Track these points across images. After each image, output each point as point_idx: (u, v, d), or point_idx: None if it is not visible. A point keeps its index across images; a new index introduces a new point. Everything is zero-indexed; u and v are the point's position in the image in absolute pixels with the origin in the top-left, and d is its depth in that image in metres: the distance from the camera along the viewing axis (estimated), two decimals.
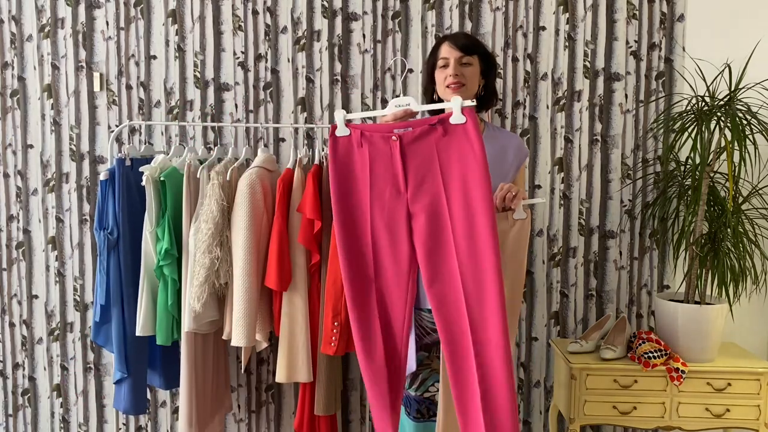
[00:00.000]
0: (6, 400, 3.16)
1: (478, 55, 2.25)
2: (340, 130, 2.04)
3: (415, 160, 1.99)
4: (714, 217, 2.69)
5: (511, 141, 2.34)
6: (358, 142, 2.03)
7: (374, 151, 2.02)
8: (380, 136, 2.01)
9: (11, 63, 3.02)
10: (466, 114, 1.95)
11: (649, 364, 2.58)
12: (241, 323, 2.51)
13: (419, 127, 1.99)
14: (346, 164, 2.04)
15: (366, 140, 2.02)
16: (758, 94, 2.68)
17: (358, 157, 2.04)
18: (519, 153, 2.32)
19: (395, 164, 2.00)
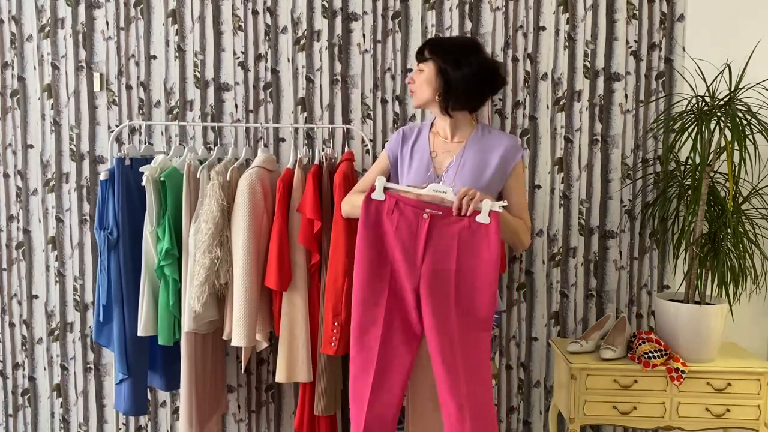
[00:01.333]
0: (6, 400, 3.16)
1: (433, 58, 2.23)
2: (376, 194, 2.15)
3: (437, 242, 2.13)
4: (714, 217, 2.69)
5: (499, 142, 2.29)
6: (389, 209, 2.16)
7: (403, 221, 2.15)
8: (412, 210, 2.14)
9: (11, 63, 3.02)
10: (492, 216, 2.09)
11: (649, 364, 2.58)
12: (241, 323, 2.51)
13: (449, 215, 2.13)
14: (375, 225, 2.16)
15: (398, 209, 2.15)
16: (758, 94, 2.68)
17: (386, 221, 2.16)
18: (507, 154, 2.27)
19: (419, 239, 2.13)
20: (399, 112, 2.96)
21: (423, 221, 2.13)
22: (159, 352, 2.77)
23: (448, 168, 2.28)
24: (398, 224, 2.14)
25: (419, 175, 2.28)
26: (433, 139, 2.34)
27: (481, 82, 2.26)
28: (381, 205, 2.16)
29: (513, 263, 3.01)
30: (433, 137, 2.34)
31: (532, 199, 2.98)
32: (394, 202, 2.15)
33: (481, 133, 2.31)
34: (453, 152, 2.30)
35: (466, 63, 2.22)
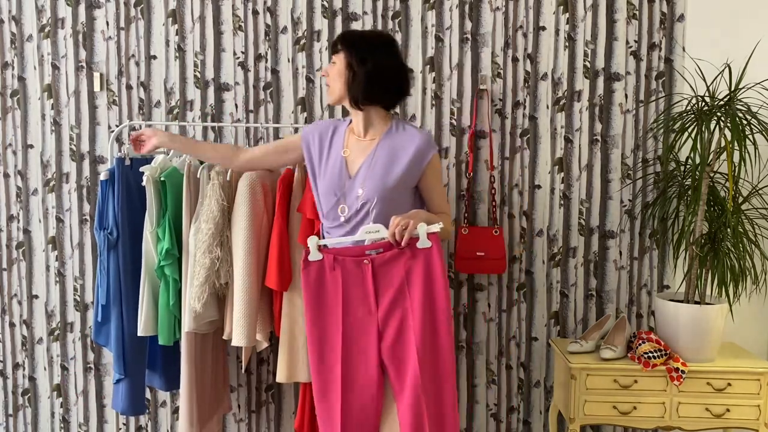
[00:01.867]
0: (6, 400, 3.16)
1: (344, 51, 2.22)
2: (312, 255, 2.16)
3: (386, 281, 2.15)
4: (714, 217, 2.69)
5: (410, 140, 2.25)
6: (330, 265, 2.17)
7: (347, 274, 2.16)
8: (352, 260, 2.15)
9: (11, 63, 3.02)
10: (432, 239, 2.12)
11: (649, 364, 2.58)
12: (242, 323, 2.51)
13: (389, 251, 2.14)
14: (318, 287, 2.18)
15: (338, 264, 2.16)
16: (758, 94, 2.68)
17: (330, 279, 2.17)
18: (419, 152, 2.23)
19: (367, 286, 2.15)
20: (399, 112, 2.96)
21: (365, 267, 2.14)
22: (159, 352, 2.77)
23: (360, 168, 2.26)
24: (343, 278, 2.16)
25: (333, 178, 2.28)
26: (347, 137, 2.32)
27: (383, 81, 2.23)
28: (321, 265, 2.17)
29: (513, 263, 3.01)
30: (349, 134, 2.33)
31: (532, 199, 2.98)
32: (332, 258, 2.16)
33: (394, 129, 2.28)
34: (366, 150, 2.28)
35: (371, 59, 2.20)
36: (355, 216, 2.25)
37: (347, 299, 2.17)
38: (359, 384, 2.19)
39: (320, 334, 2.20)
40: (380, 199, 2.22)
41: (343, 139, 2.33)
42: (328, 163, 2.32)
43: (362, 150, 2.29)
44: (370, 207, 2.23)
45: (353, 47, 2.22)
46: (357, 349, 2.18)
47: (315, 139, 2.37)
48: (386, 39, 2.29)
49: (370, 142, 2.29)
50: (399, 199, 2.25)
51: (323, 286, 2.18)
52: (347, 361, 2.18)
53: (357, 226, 2.25)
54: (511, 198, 2.98)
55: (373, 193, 2.22)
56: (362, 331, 2.18)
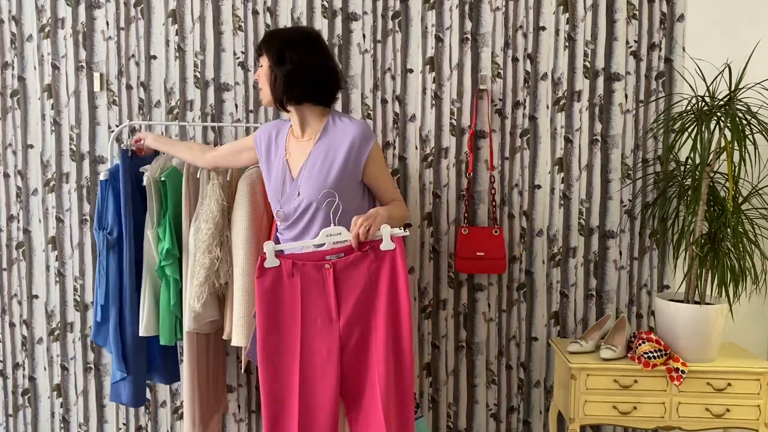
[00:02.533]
0: (6, 400, 3.16)
1: (265, 52, 2.20)
2: (269, 262, 2.01)
3: (348, 287, 2.03)
4: (714, 217, 2.69)
5: (345, 135, 2.19)
6: (288, 272, 2.03)
7: (306, 281, 2.02)
8: (313, 265, 2.02)
9: (11, 63, 3.02)
10: (396, 241, 2.03)
11: (649, 364, 2.58)
12: (241, 323, 2.51)
13: (351, 255, 2.02)
14: (275, 295, 2.03)
15: (297, 270, 2.02)
16: (758, 94, 2.68)
17: (288, 287, 2.02)
18: (356, 146, 2.18)
19: (328, 293, 2.03)
20: (399, 112, 2.96)
21: (327, 272, 2.03)
22: (157, 349, 2.76)
23: (300, 170, 2.22)
24: (302, 285, 2.02)
25: (277, 182, 2.26)
26: (289, 139, 2.29)
27: (304, 79, 2.17)
28: (278, 272, 2.03)
29: (513, 263, 3.01)
30: (290, 136, 2.30)
31: (532, 199, 2.98)
32: (290, 263, 2.03)
33: (331, 125, 2.23)
34: (305, 151, 2.23)
35: (289, 58, 2.15)
36: (300, 219, 2.19)
37: (306, 308, 2.04)
38: (317, 403, 2.05)
39: (275, 349, 2.04)
40: (324, 200, 2.15)
41: (284, 141, 2.29)
42: (273, 167, 2.29)
43: (302, 151, 2.24)
44: (314, 209, 2.17)
45: (271, 48, 2.18)
46: (316, 365, 2.04)
47: (263, 142, 2.34)
48: (306, 35, 2.22)
49: (308, 143, 2.23)
50: (347, 197, 2.17)
51: (280, 296, 2.04)
52: (305, 379, 2.03)
53: (304, 229, 2.20)
54: (511, 198, 2.98)
55: (314, 196, 2.16)
56: (322, 343, 2.04)
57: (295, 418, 2.02)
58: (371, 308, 2.04)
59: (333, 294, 2.03)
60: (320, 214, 2.17)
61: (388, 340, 2.03)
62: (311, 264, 2.04)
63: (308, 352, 2.04)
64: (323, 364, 2.05)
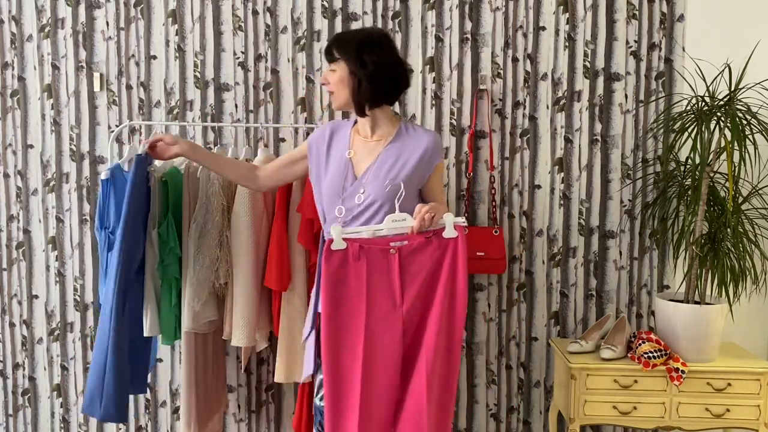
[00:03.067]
0: (6, 400, 3.16)
1: (343, 58, 2.17)
2: (336, 244, 2.03)
3: (413, 273, 2.05)
4: (714, 217, 2.69)
5: (419, 142, 2.21)
6: (355, 255, 2.05)
7: (372, 265, 2.05)
8: (379, 250, 2.05)
9: (11, 63, 3.02)
10: (458, 229, 2.05)
11: (649, 364, 2.58)
12: (241, 323, 2.52)
13: (416, 241, 2.05)
14: (341, 277, 2.04)
15: (364, 253, 2.04)
16: (758, 94, 2.68)
17: (354, 269, 2.04)
18: (428, 155, 2.20)
19: (393, 278, 2.05)
20: (399, 112, 2.96)
21: (392, 257, 2.04)
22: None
23: (367, 170, 2.21)
24: (368, 269, 2.03)
25: (337, 180, 2.22)
26: (353, 138, 2.27)
27: (386, 81, 2.19)
28: (345, 255, 2.03)
29: (513, 263, 3.01)
30: (354, 135, 2.28)
31: (532, 199, 2.98)
32: (357, 247, 2.04)
33: (404, 131, 2.24)
34: (373, 152, 2.23)
35: (371, 62, 2.15)
36: (361, 216, 2.18)
37: (371, 292, 2.04)
38: (379, 389, 2.05)
39: (338, 332, 2.04)
40: (387, 200, 2.16)
41: (347, 140, 2.27)
42: (331, 165, 2.26)
43: (369, 151, 2.23)
44: (377, 207, 2.17)
45: (350, 53, 2.17)
46: (380, 349, 2.04)
47: (319, 144, 2.32)
48: (378, 36, 2.23)
49: (377, 144, 2.23)
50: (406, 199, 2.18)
51: (345, 278, 2.04)
52: (368, 364, 2.03)
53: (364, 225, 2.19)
54: (511, 198, 2.98)
55: (380, 194, 2.16)
56: (387, 328, 2.05)
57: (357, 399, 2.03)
58: (432, 295, 2.07)
59: (398, 279, 2.05)
60: (382, 212, 2.17)
61: (441, 330, 2.05)
62: (377, 249, 2.05)
63: (372, 334, 2.05)
64: (386, 346, 2.06)
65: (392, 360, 2.06)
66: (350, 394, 2.04)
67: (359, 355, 2.04)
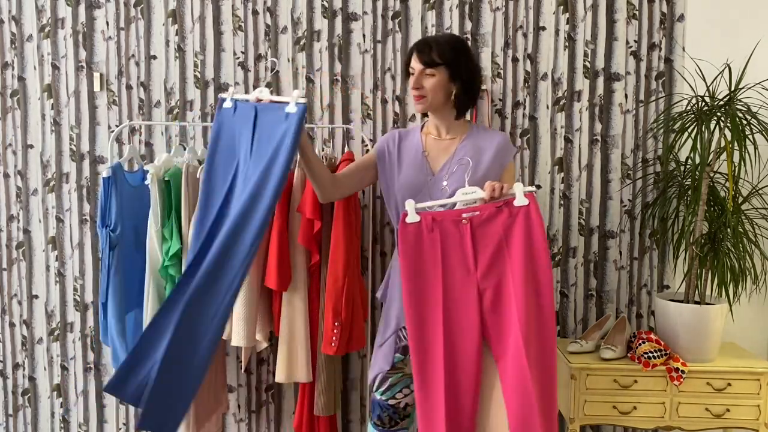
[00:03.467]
0: (6, 400, 3.16)
1: (444, 65, 2.23)
2: (411, 217, 2.10)
3: (484, 241, 2.11)
4: (714, 217, 2.69)
5: (491, 141, 2.31)
6: (428, 227, 2.12)
7: (445, 235, 2.11)
8: (451, 221, 2.12)
9: (11, 63, 3.02)
10: (528, 197, 2.09)
11: (649, 364, 2.58)
12: (241, 323, 2.51)
13: (486, 211, 2.11)
14: (417, 249, 2.11)
15: (437, 225, 2.11)
16: (758, 94, 2.68)
17: (428, 240, 2.12)
18: (501, 152, 2.30)
19: (465, 246, 2.11)
20: (399, 112, 2.96)
21: (464, 227, 2.11)
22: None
23: (443, 166, 2.31)
24: (441, 240, 2.11)
25: (414, 176, 2.30)
26: (425, 139, 2.36)
27: (478, 84, 2.34)
28: (419, 227, 2.11)
29: None
30: (425, 137, 2.37)
31: None
32: (430, 219, 2.11)
33: (475, 131, 2.35)
34: (447, 149, 2.33)
35: (472, 65, 2.30)
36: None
37: (446, 260, 2.11)
38: (462, 356, 2.10)
39: (419, 305, 2.09)
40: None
41: (418, 142, 2.36)
42: (404, 166, 2.34)
43: (443, 149, 2.33)
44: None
45: (453, 60, 2.24)
46: (459, 317, 2.10)
47: (389, 147, 2.38)
48: (465, 42, 2.40)
49: (450, 141, 2.33)
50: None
51: (421, 250, 2.11)
52: (449, 332, 2.10)
53: None
54: None
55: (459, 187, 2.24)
56: (463, 297, 2.11)
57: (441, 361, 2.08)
58: (507, 261, 2.10)
59: (470, 247, 2.11)
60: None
61: (528, 293, 2.08)
62: (449, 220, 2.12)
63: (450, 299, 2.11)
64: (465, 310, 2.11)
65: (472, 320, 2.10)
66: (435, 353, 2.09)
67: (440, 317, 2.10)
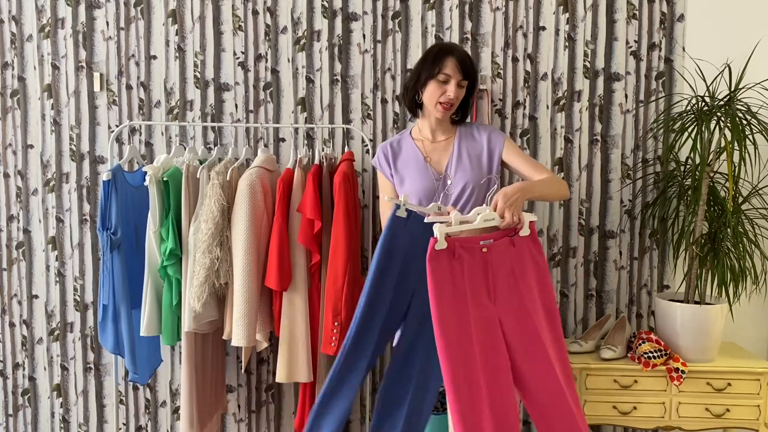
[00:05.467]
0: (6, 400, 3.16)
1: (472, 80, 2.34)
2: (440, 244, 2.01)
3: (500, 270, 2.09)
4: (714, 217, 2.69)
5: (480, 133, 2.40)
6: (454, 253, 2.06)
7: (467, 262, 2.06)
8: (471, 247, 2.07)
9: (11, 63, 3.02)
10: (531, 227, 2.11)
11: (649, 364, 2.58)
12: (241, 323, 2.51)
13: (499, 240, 2.10)
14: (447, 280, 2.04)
15: (461, 250, 2.06)
16: (758, 94, 2.68)
17: (457, 268, 2.06)
18: (492, 138, 2.38)
19: (486, 274, 2.08)
20: (399, 112, 2.96)
21: (483, 255, 2.07)
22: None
23: (447, 165, 2.35)
24: (464, 266, 2.05)
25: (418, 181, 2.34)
26: (421, 145, 2.41)
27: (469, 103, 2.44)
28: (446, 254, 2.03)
29: None
30: (421, 143, 2.41)
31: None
32: (454, 245, 2.05)
33: (463, 128, 2.42)
34: (446, 149, 2.38)
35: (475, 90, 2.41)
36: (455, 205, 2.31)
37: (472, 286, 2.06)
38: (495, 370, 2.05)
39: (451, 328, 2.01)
40: (476, 186, 2.33)
41: (413, 148, 2.40)
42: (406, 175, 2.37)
43: (442, 150, 2.39)
44: (470, 191, 2.32)
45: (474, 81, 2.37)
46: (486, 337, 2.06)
47: (383, 166, 2.42)
48: None
49: (447, 141, 2.39)
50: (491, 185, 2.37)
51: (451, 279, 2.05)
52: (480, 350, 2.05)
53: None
54: None
55: (467, 177, 2.32)
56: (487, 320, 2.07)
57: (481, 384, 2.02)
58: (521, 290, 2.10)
59: (489, 277, 2.08)
60: (473, 196, 2.33)
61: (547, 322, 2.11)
62: (470, 246, 2.08)
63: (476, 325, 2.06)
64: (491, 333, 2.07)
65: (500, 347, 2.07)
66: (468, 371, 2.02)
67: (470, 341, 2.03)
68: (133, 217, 2.67)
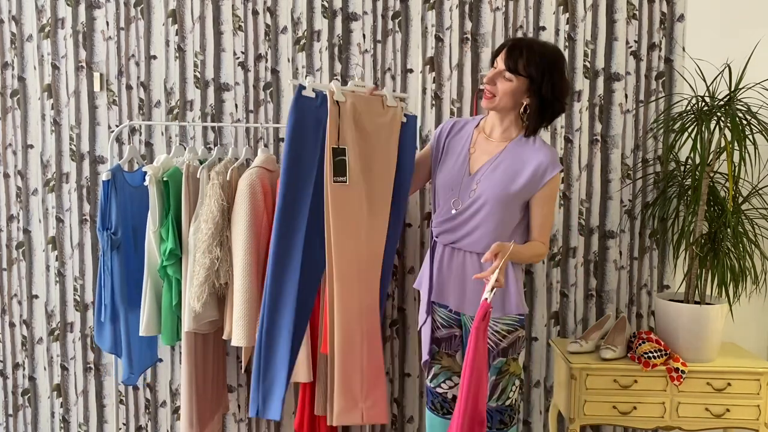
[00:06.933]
0: (6, 400, 3.16)
1: (527, 77, 2.15)
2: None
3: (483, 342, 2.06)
4: (714, 217, 2.69)
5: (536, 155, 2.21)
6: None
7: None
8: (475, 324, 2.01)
9: (11, 63, 3.02)
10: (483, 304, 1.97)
11: (649, 364, 2.58)
12: (241, 323, 2.51)
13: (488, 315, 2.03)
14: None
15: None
16: (758, 94, 2.68)
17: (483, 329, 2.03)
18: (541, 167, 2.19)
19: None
20: None
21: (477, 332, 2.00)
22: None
23: (481, 167, 2.26)
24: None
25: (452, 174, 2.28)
26: (476, 136, 2.31)
27: (557, 105, 2.22)
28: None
29: None
30: (477, 133, 2.32)
31: None
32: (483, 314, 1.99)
33: (524, 138, 2.25)
34: (490, 152, 2.27)
35: (552, 88, 2.16)
36: (465, 211, 2.24)
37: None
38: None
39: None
40: (495, 202, 2.20)
41: (469, 137, 2.31)
42: (448, 159, 2.32)
43: (487, 149, 2.27)
44: (480, 205, 2.21)
45: (539, 76, 2.15)
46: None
47: (440, 136, 2.36)
48: (560, 55, 2.23)
49: (497, 145, 2.26)
50: (510, 208, 2.22)
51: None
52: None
53: (465, 222, 2.24)
54: None
55: (488, 194, 2.20)
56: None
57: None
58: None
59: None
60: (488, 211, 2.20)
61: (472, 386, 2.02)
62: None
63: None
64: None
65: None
66: None
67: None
68: (133, 217, 2.66)
